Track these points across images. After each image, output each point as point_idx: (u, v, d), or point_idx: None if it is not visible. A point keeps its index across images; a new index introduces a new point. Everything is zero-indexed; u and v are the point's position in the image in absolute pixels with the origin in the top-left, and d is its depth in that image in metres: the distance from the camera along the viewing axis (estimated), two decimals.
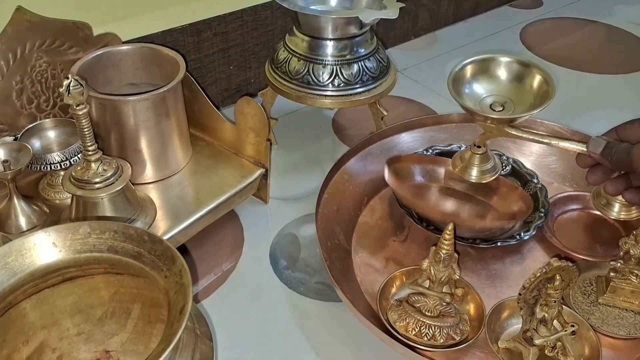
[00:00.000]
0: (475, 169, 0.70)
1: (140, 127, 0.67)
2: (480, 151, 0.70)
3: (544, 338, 0.56)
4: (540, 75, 0.68)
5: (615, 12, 1.29)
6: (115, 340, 0.53)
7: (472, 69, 0.69)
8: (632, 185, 0.63)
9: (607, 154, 0.61)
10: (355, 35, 0.77)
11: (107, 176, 0.59)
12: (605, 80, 1.07)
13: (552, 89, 0.66)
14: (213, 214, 0.69)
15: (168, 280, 0.43)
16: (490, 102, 0.68)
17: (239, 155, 0.75)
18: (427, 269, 0.61)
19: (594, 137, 0.63)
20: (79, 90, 0.54)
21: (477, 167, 0.70)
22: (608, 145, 0.61)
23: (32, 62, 0.67)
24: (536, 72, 0.68)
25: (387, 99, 0.90)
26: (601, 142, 0.62)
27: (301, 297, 0.67)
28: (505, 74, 0.70)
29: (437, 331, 0.59)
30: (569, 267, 0.56)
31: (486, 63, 0.70)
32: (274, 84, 0.81)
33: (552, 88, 0.66)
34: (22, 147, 0.62)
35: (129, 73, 0.73)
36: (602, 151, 0.61)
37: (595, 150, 0.62)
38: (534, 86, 0.68)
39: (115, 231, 0.47)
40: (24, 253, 0.46)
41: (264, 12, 0.92)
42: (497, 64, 0.70)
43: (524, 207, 0.72)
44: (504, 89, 0.69)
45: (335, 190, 0.73)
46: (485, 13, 1.28)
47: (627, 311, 0.64)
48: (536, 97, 0.67)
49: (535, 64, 0.69)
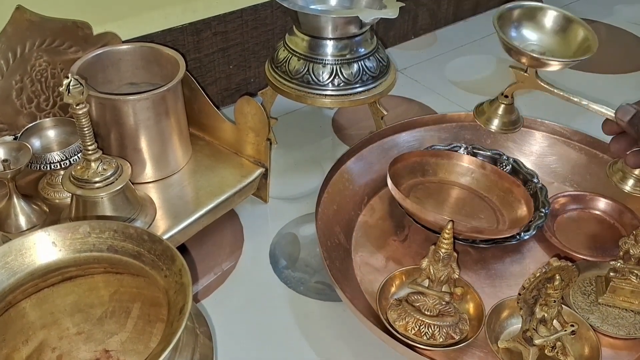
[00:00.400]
0: (499, 119, 0.70)
1: (140, 127, 0.67)
2: (507, 101, 0.70)
3: (544, 338, 0.56)
4: (583, 31, 0.67)
5: (615, 11, 1.29)
6: (115, 340, 0.53)
7: (519, 14, 0.69)
8: None
9: (635, 122, 0.59)
10: (355, 35, 0.77)
11: (106, 175, 0.59)
12: (605, 80, 1.07)
13: (595, 43, 0.65)
14: (213, 214, 0.69)
15: (168, 280, 0.43)
16: (531, 49, 0.67)
17: (238, 154, 0.75)
18: (427, 268, 0.61)
19: (624, 103, 0.61)
20: (78, 89, 0.54)
21: (501, 117, 0.70)
22: (637, 114, 0.59)
23: (32, 62, 0.67)
24: (580, 27, 0.68)
25: (387, 98, 0.90)
26: (630, 110, 0.60)
27: (301, 296, 0.67)
28: (550, 24, 0.69)
29: (436, 330, 0.59)
30: (569, 267, 0.56)
31: (534, 11, 0.69)
32: (274, 83, 0.81)
33: (594, 43, 0.65)
34: (22, 146, 0.62)
35: (129, 72, 0.73)
36: (630, 119, 0.59)
37: (623, 118, 0.60)
38: (577, 40, 0.67)
39: (115, 230, 0.46)
40: (23, 252, 0.45)
41: (264, 12, 0.91)
42: (544, 13, 0.69)
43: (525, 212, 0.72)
44: (547, 41, 0.69)
45: (335, 189, 0.73)
46: (485, 13, 1.27)
47: (626, 311, 0.64)
48: (576, 52, 0.67)
49: (580, 20, 0.68)
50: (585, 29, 0.68)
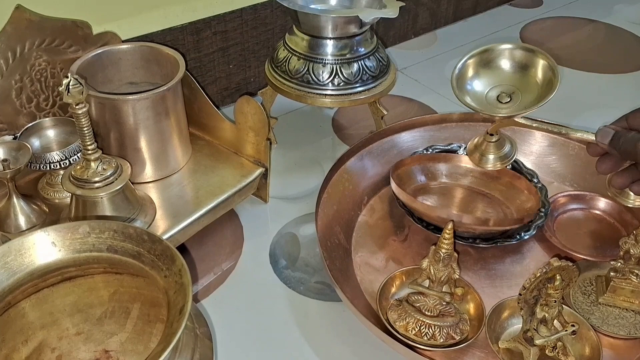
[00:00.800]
0: (492, 156, 0.70)
1: (139, 126, 0.67)
2: (494, 139, 0.70)
3: (545, 338, 0.56)
4: (544, 60, 0.67)
5: (615, 11, 1.29)
6: (115, 340, 0.53)
7: (474, 63, 0.69)
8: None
9: (615, 143, 0.60)
10: (355, 35, 0.77)
11: (106, 175, 0.59)
12: (606, 79, 1.07)
13: (557, 76, 0.65)
14: (213, 214, 0.69)
15: (167, 280, 0.43)
16: (497, 93, 0.68)
17: (238, 154, 0.75)
18: (427, 268, 0.61)
19: (603, 126, 0.62)
20: (78, 89, 0.54)
21: (493, 154, 0.70)
22: (616, 134, 0.60)
23: (31, 61, 0.67)
24: (540, 57, 0.67)
25: (387, 98, 0.90)
26: (609, 132, 0.61)
27: (301, 296, 0.67)
28: (508, 62, 0.69)
29: (437, 331, 0.59)
30: (569, 267, 0.56)
31: (487, 54, 0.69)
32: (274, 83, 0.80)
33: (556, 75, 0.65)
34: (22, 146, 0.62)
35: (129, 72, 0.73)
36: (610, 141, 0.60)
37: (603, 141, 0.61)
38: (539, 72, 0.67)
39: (114, 230, 0.46)
40: (23, 252, 0.45)
41: (264, 11, 0.91)
42: (498, 53, 0.69)
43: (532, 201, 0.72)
44: (509, 78, 0.69)
45: (335, 189, 0.73)
46: (485, 12, 1.27)
47: (627, 311, 0.63)
48: (542, 84, 0.67)
49: (538, 49, 0.68)
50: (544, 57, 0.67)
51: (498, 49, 0.69)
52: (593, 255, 0.70)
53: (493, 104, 0.67)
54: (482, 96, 0.68)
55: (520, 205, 0.74)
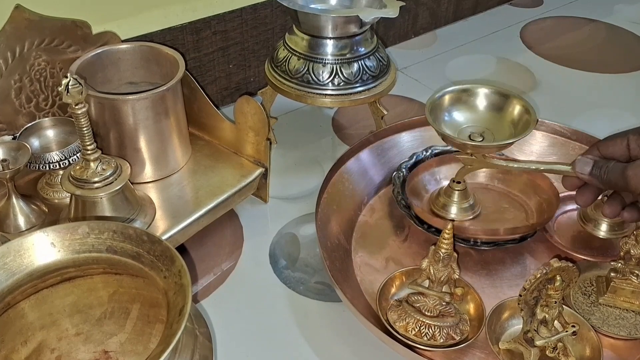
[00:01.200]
0: (455, 206, 0.70)
1: (139, 126, 0.66)
2: (460, 187, 0.69)
3: (545, 339, 0.56)
4: (520, 105, 0.67)
5: (615, 11, 1.29)
6: (114, 341, 0.53)
7: (451, 99, 0.69)
8: (627, 203, 0.62)
9: (597, 174, 0.59)
10: (355, 34, 0.77)
11: (106, 175, 0.59)
12: (606, 79, 1.06)
13: (533, 118, 0.65)
14: (212, 214, 0.69)
15: (167, 281, 0.43)
16: (469, 132, 0.68)
17: (238, 154, 0.75)
18: (427, 268, 0.60)
19: (579, 157, 0.61)
20: (77, 89, 0.54)
21: (457, 204, 0.70)
22: (596, 164, 0.59)
23: (30, 61, 0.67)
24: (516, 102, 0.68)
25: (387, 98, 0.90)
26: (588, 162, 0.59)
27: (301, 297, 0.67)
28: (484, 104, 0.69)
29: (436, 331, 0.59)
30: (569, 268, 0.56)
31: (465, 93, 0.69)
32: (274, 82, 0.80)
33: (533, 117, 0.65)
34: (21, 146, 0.62)
35: (128, 72, 0.73)
36: (591, 171, 0.59)
37: (582, 171, 0.59)
38: (514, 115, 0.68)
39: (114, 231, 0.46)
40: (22, 253, 0.45)
41: (264, 11, 0.91)
42: (476, 94, 0.69)
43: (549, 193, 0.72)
44: (483, 119, 0.69)
45: (335, 189, 0.73)
46: (485, 12, 1.27)
47: (627, 311, 0.63)
48: (517, 126, 0.67)
49: (515, 93, 0.68)
50: (520, 102, 0.67)
51: (476, 90, 0.69)
52: (593, 255, 0.69)
53: (465, 140, 0.66)
54: (455, 131, 0.68)
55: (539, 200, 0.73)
